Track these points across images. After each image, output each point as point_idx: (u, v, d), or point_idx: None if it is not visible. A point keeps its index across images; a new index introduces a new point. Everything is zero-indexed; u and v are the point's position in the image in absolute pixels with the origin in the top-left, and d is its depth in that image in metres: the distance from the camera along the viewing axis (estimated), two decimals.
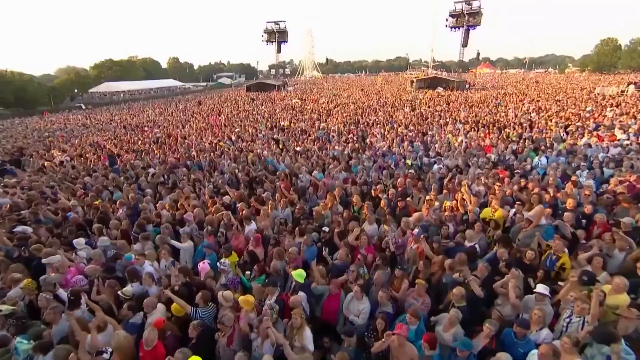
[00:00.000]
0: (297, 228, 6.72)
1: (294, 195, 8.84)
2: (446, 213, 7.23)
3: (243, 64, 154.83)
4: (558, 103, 27.01)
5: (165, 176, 10.98)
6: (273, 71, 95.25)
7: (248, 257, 6.00)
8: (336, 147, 13.42)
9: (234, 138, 16.54)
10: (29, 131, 24.43)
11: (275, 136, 16.00)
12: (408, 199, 8.23)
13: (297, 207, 8.19)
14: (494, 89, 45.99)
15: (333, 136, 16.18)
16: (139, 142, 16.82)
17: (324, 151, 13.16)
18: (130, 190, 9.45)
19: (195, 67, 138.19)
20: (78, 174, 11.99)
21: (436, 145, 13.37)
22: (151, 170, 11.54)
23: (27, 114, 41.31)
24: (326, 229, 6.52)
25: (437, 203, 8.00)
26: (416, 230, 6.29)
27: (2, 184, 10.52)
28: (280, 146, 14.06)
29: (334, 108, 27.65)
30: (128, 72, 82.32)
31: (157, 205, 8.61)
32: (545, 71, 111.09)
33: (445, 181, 9.04)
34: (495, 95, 35.29)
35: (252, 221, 7.17)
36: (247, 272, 5.58)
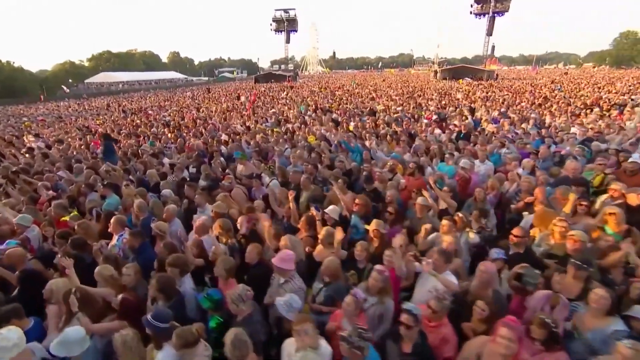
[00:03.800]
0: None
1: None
2: None
3: (244, 59, 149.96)
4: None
5: (191, 169, 6.71)
6: (276, 66, 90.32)
7: None
8: (436, 130, 9.15)
9: (271, 120, 12.19)
10: (4, 116, 20.00)
11: (334, 116, 11.64)
12: None
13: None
14: (527, 80, 41.65)
15: (407, 117, 11.91)
16: (144, 125, 12.45)
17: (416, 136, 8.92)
18: (136, 194, 5.11)
19: (196, 63, 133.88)
20: (51, 165, 7.67)
21: (589, 127, 9.14)
22: (166, 161, 7.26)
23: (16, 103, 36.65)
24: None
25: None
26: None
27: None
28: (351, 128, 9.69)
29: (372, 92, 23.33)
30: (127, 65, 77.20)
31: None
32: (555, 67, 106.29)
33: None
34: (544, 82, 31.13)
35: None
36: None
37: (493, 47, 66.87)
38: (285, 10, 62.94)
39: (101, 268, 3.08)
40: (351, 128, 9.54)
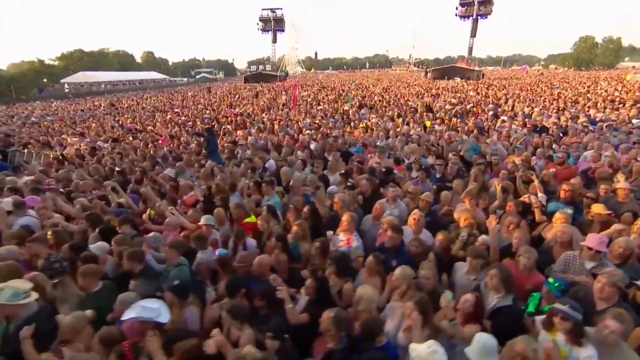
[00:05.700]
0: None
1: None
2: None
3: (220, 60, 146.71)
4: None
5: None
6: (253, 67, 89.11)
7: None
8: (513, 126, 9.28)
9: (323, 116, 11.91)
10: (4, 118, 18.25)
11: (397, 112, 11.54)
12: None
13: None
14: (514, 79, 43.66)
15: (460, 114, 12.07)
16: (192, 122, 11.76)
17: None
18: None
19: (170, 63, 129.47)
20: (132, 165, 6.98)
21: None
22: (271, 163, 6.72)
23: None
24: None
25: None
26: None
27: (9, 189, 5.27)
28: (428, 124, 9.63)
29: (385, 92, 23.52)
30: (101, 65, 72.74)
31: None
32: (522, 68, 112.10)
33: None
34: (534, 82, 32.75)
35: None
36: None
37: (470, 48, 69.58)
38: (272, 10, 62.18)
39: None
40: (428, 124, 9.50)
